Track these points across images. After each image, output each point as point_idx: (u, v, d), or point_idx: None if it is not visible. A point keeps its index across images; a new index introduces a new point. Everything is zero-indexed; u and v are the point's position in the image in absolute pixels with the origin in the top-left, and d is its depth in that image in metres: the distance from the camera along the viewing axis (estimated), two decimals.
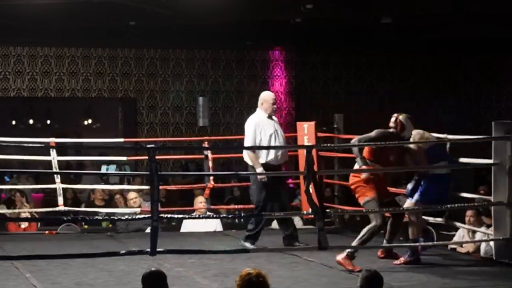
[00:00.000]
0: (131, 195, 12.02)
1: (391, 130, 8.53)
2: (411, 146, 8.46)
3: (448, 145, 8.98)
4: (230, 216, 11.44)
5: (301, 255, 8.65)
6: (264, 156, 9.18)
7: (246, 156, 9.27)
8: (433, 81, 19.96)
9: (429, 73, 19.96)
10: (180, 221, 11.27)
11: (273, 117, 9.46)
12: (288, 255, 8.77)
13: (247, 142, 9.29)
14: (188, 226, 11.14)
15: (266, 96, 9.52)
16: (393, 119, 8.57)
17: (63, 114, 21.37)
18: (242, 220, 12.19)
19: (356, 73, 19.71)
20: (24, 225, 12.02)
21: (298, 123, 11.53)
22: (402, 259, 8.43)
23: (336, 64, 19.66)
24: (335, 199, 11.33)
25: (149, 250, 7.14)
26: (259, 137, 9.24)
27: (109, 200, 13.62)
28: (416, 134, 8.57)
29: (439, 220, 9.42)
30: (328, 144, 10.46)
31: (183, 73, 18.64)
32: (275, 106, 9.47)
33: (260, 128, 9.27)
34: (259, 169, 9.06)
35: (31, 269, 7.92)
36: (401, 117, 8.54)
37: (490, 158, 8.65)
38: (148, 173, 7.41)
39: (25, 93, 17.82)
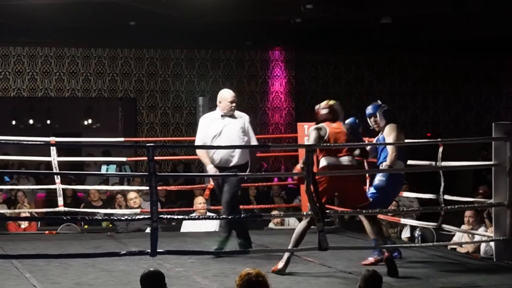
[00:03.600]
0: (131, 195, 12.04)
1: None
2: None
3: None
4: (230, 217, 11.42)
5: (301, 255, 8.65)
6: (210, 157, 8.88)
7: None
8: (433, 81, 19.97)
9: (429, 73, 19.96)
10: (180, 221, 11.27)
11: (238, 114, 9.01)
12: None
13: (195, 141, 9.03)
14: (188, 226, 11.15)
15: (224, 95, 9.08)
16: (326, 111, 8.13)
17: (63, 114, 21.35)
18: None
19: (356, 73, 19.71)
20: (24, 225, 12.02)
21: (298, 123, 11.55)
22: (372, 259, 8.31)
23: (336, 64, 19.66)
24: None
25: (149, 250, 7.14)
26: (204, 138, 8.92)
27: (108, 200, 13.62)
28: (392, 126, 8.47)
29: (433, 224, 9.45)
30: (328, 144, 10.45)
31: (183, 73, 18.64)
32: (234, 105, 8.97)
33: (206, 128, 8.93)
34: (209, 167, 8.82)
35: (31, 269, 7.91)
36: (335, 104, 8.20)
37: (490, 158, 8.66)
38: (147, 173, 7.40)
39: (25, 93, 17.82)
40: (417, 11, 14.60)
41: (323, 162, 8.05)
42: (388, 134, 8.53)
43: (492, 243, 8.86)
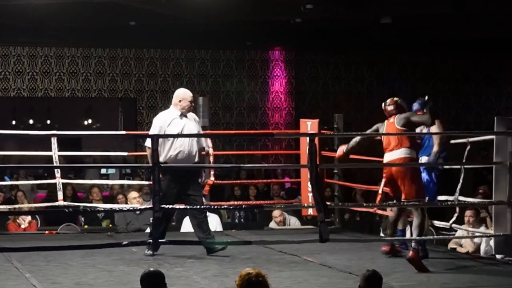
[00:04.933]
0: (133, 194, 12.03)
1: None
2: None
3: None
4: (231, 207, 11.38)
5: (301, 255, 8.65)
6: (164, 155, 8.73)
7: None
8: (433, 81, 19.97)
9: (429, 73, 19.96)
10: (180, 221, 11.28)
11: (191, 115, 8.98)
12: (288, 255, 8.78)
13: (148, 139, 8.74)
14: (188, 226, 11.12)
15: (184, 94, 9.00)
16: (392, 107, 8.46)
17: (63, 114, 21.33)
18: (242, 220, 12.20)
19: (356, 73, 19.72)
20: (24, 225, 12.02)
21: (301, 120, 11.55)
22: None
23: (336, 64, 19.66)
24: (335, 199, 11.35)
25: (151, 240, 7.12)
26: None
27: (109, 199, 13.61)
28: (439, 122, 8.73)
29: (442, 224, 9.50)
30: (331, 133, 10.41)
31: (183, 73, 18.64)
32: (193, 104, 9.01)
33: (165, 128, 8.79)
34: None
35: (31, 269, 7.92)
36: (399, 101, 8.54)
37: (489, 158, 8.67)
38: (150, 165, 7.40)
39: (25, 93, 17.83)
40: (417, 11, 14.60)
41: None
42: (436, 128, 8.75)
43: (492, 244, 8.86)
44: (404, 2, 14.38)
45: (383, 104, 8.55)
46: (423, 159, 8.75)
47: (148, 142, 8.70)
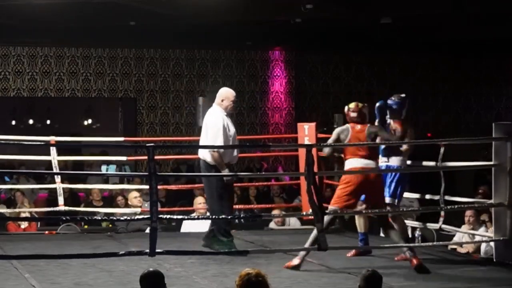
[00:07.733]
0: (134, 193, 12.01)
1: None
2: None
3: None
4: (230, 217, 11.39)
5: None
6: (228, 157, 8.68)
7: (208, 154, 8.64)
8: (433, 81, 19.96)
9: (429, 73, 19.96)
10: (180, 221, 11.27)
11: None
12: (288, 255, 8.76)
13: (218, 140, 8.64)
14: (188, 226, 11.14)
15: (228, 94, 8.92)
16: (355, 114, 8.45)
17: (63, 114, 21.37)
18: (242, 220, 12.18)
19: (356, 73, 19.71)
20: (24, 225, 12.01)
21: (299, 124, 11.55)
22: (403, 255, 8.51)
23: (336, 64, 19.67)
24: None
25: (148, 251, 7.14)
26: (226, 135, 8.69)
27: (109, 199, 13.60)
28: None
29: (433, 225, 9.52)
30: (328, 143, 10.47)
31: (183, 73, 18.64)
32: (235, 105, 8.97)
33: (226, 126, 8.74)
34: (226, 170, 8.55)
35: (31, 269, 7.91)
36: (363, 108, 8.52)
37: (490, 158, 8.67)
38: (147, 173, 7.39)
39: (25, 93, 17.83)
40: (417, 11, 14.59)
41: (348, 164, 8.32)
42: None
43: (492, 244, 8.86)
44: (404, 2, 14.36)
45: (346, 108, 8.52)
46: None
47: (219, 141, 8.60)
